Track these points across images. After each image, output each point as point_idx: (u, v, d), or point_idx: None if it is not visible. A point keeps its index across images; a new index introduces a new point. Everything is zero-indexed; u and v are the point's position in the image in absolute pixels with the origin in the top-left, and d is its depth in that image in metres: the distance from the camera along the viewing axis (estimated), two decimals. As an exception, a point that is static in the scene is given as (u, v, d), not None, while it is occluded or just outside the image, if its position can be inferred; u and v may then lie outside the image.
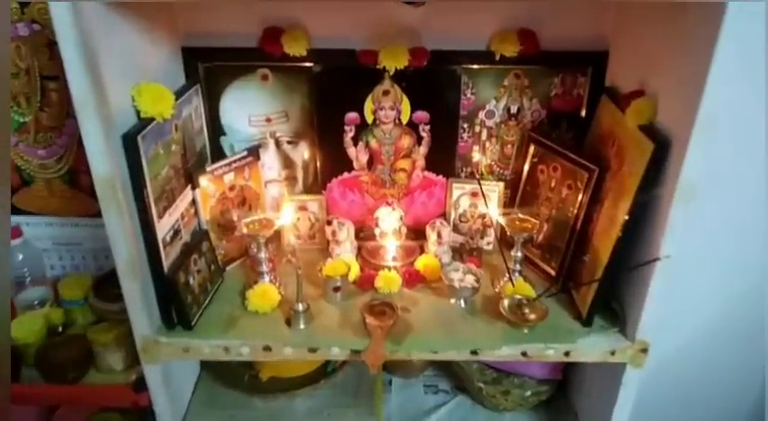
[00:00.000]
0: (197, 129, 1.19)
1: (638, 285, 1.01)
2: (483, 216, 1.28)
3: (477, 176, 1.24)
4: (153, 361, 1.09)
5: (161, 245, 1.01)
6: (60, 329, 1.34)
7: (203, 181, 1.14)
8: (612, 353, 1.06)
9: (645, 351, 1.06)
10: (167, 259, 1.04)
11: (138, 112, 0.97)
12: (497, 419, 1.39)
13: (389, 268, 1.21)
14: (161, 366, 1.11)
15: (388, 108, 1.22)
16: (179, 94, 1.08)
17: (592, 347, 1.07)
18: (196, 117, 1.18)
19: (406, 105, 1.22)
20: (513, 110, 1.25)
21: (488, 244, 1.29)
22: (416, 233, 1.29)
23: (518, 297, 1.10)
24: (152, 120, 0.97)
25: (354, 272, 1.20)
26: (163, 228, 1.02)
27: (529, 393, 1.34)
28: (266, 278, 1.16)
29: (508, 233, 1.14)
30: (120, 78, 0.93)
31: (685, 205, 0.91)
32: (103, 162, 0.90)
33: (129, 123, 0.95)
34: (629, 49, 1.12)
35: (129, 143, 0.92)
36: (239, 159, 1.21)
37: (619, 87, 1.14)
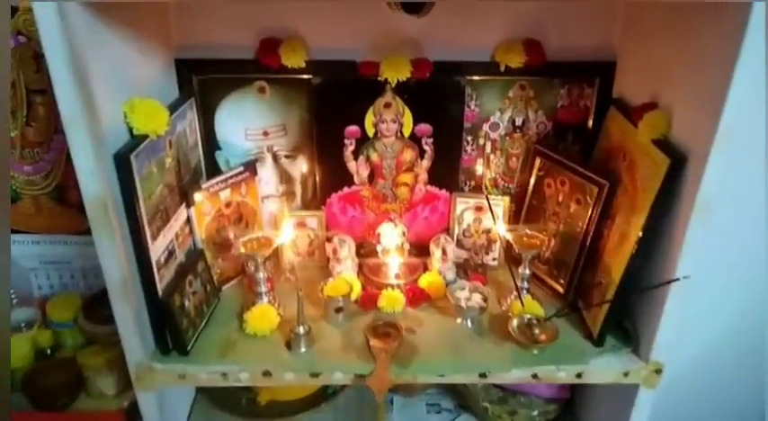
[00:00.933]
0: (191, 145, 1.15)
1: (652, 304, 0.98)
2: (488, 231, 1.24)
3: (484, 191, 1.20)
4: (147, 388, 1.04)
5: (155, 267, 0.97)
6: (49, 352, 1.30)
7: (198, 198, 1.10)
8: (626, 375, 1.03)
9: (659, 372, 1.02)
10: (162, 281, 0.99)
11: (130, 129, 0.92)
12: (503, 440, 1.35)
13: (392, 286, 1.16)
14: (155, 392, 1.05)
15: (390, 121, 1.18)
16: (173, 109, 1.04)
17: (604, 368, 1.03)
18: (191, 132, 1.14)
19: (408, 118, 1.18)
20: (519, 122, 1.22)
21: (493, 260, 1.26)
22: (419, 249, 1.25)
23: (527, 316, 1.06)
24: (145, 137, 0.93)
25: (356, 291, 1.15)
26: (157, 249, 0.97)
27: (536, 413, 1.30)
28: (264, 299, 1.12)
29: (516, 250, 1.10)
30: (111, 93, 0.88)
31: (703, 222, 0.87)
32: (94, 182, 0.85)
33: (122, 140, 0.90)
34: (638, 60, 1.09)
35: (122, 163, 0.87)
36: (235, 175, 1.16)
37: (628, 99, 1.11)
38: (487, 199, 1.12)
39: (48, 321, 1.30)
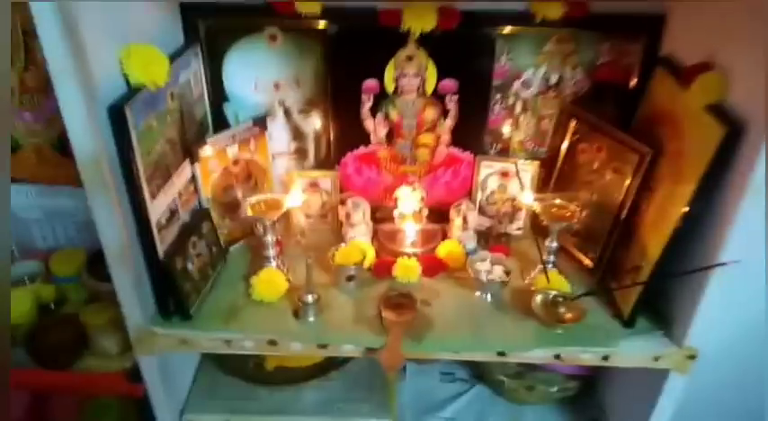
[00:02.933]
0: (197, 97, 1.06)
1: (692, 285, 0.90)
2: (513, 198, 1.15)
3: (512, 155, 1.10)
4: (148, 352, 1.00)
5: (155, 228, 0.90)
6: (53, 307, 1.26)
7: (203, 154, 1.02)
8: (656, 359, 0.96)
9: (693, 358, 0.95)
10: (163, 243, 0.93)
11: (128, 80, 0.84)
12: (519, 413, 1.30)
13: (408, 255, 1.09)
14: (157, 356, 1.01)
15: (412, 75, 1.08)
16: (175, 57, 0.95)
17: (634, 352, 0.96)
18: (195, 83, 1.05)
19: (431, 73, 1.08)
20: (553, 80, 1.11)
21: (518, 229, 1.17)
22: (439, 215, 1.17)
23: (552, 293, 0.98)
24: (144, 88, 0.84)
25: (370, 258, 1.09)
26: (157, 208, 0.91)
27: (555, 389, 1.25)
28: (273, 263, 1.06)
29: (543, 222, 1.01)
30: (105, 38, 0.80)
31: (757, 202, 0.78)
32: (87, 138, 0.78)
33: (118, 92, 0.83)
34: (691, 13, 0.97)
35: (117, 116, 0.79)
36: (244, 130, 1.08)
37: (678, 58, 1.00)
38: (516, 166, 1.02)
39: (51, 275, 1.25)
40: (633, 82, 1.10)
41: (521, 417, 1.28)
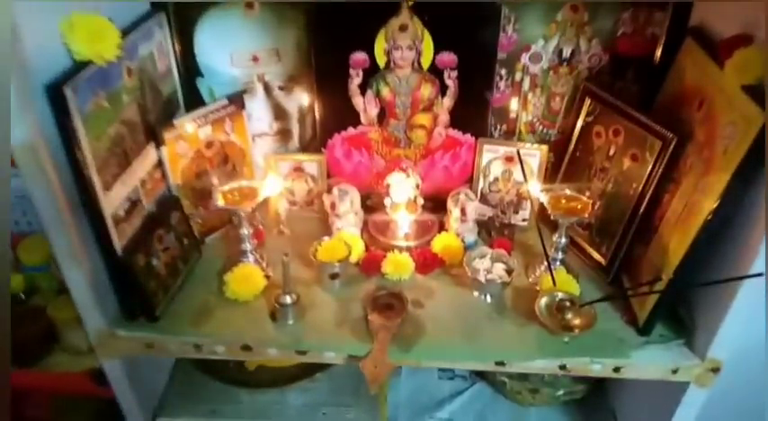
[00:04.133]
0: (162, 72, 0.95)
1: (718, 292, 0.79)
2: (519, 186, 1.04)
3: (516, 141, 0.99)
4: (110, 356, 0.92)
5: (110, 221, 0.81)
6: (23, 297, 1.18)
7: (170, 137, 0.91)
8: (675, 372, 0.86)
9: (716, 371, 0.85)
10: (122, 238, 0.84)
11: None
12: (522, 414, 1.20)
13: (401, 249, 0.99)
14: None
15: (406, 48, 0.96)
16: (133, 27, 0.84)
17: (649, 363, 0.87)
18: (160, 56, 0.94)
19: (427, 45, 0.96)
20: (566, 53, 0.99)
21: (524, 220, 1.06)
22: (436, 204, 1.06)
23: (559, 295, 0.87)
24: (91, 63, 0.74)
25: (358, 251, 0.98)
26: (113, 200, 0.81)
27: (561, 392, 1.15)
28: (250, 257, 0.96)
29: (551, 216, 0.90)
30: (44, 6, 0.69)
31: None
32: (20, 121, 0.67)
33: (61, 69, 0.72)
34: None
35: (55, 96, 0.69)
36: (217, 109, 0.97)
37: (711, 29, 0.87)
38: (518, 155, 0.91)
39: (20, 264, 1.17)
40: (657, 56, 0.96)
41: (524, 419, 1.19)
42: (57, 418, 1.22)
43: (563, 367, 0.86)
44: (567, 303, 0.86)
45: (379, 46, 0.97)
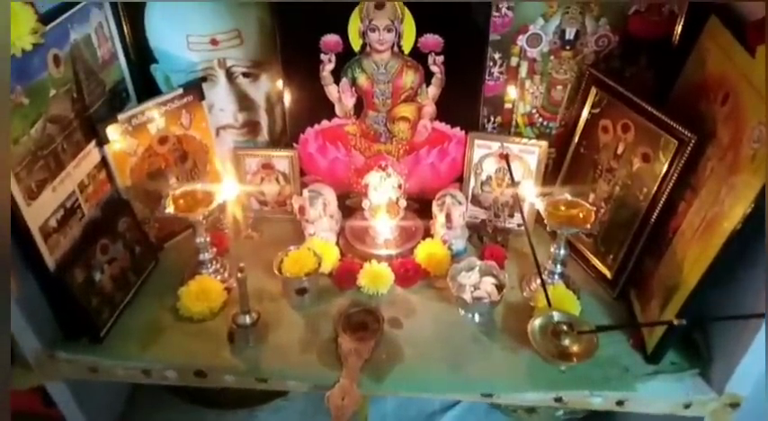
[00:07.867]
0: (104, 58, 0.84)
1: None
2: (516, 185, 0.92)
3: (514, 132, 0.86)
4: (49, 379, 0.82)
5: (38, 234, 0.71)
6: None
7: (114, 134, 0.80)
8: (687, 406, 0.76)
9: (736, 406, 0.74)
10: (54, 252, 0.74)
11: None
12: (518, 430, 1.10)
13: (379, 258, 0.88)
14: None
15: (383, 29, 0.84)
16: (63, 9, 0.72)
17: (658, 395, 0.76)
18: (101, 40, 0.83)
19: (409, 25, 0.84)
20: (570, 34, 0.86)
21: (519, 225, 0.94)
22: (422, 205, 0.95)
23: (555, 317, 0.76)
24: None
25: (332, 260, 0.88)
26: (41, 210, 0.72)
27: (560, 412, 1.04)
28: (209, 269, 0.86)
29: (548, 228, 0.79)
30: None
31: None
32: None
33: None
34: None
35: (-50, 93, 0.58)
36: (172, 100, 0.86)
37: (739, 7, 0.73)
38: (506, 159, 0.79)
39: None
40: (675, 38, 0.84)
41: (520, 436, 1.09)
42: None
43: (558, 400, 0.76)
44: (565, 326, 0.75)
45: (354, 27, 0.84)
